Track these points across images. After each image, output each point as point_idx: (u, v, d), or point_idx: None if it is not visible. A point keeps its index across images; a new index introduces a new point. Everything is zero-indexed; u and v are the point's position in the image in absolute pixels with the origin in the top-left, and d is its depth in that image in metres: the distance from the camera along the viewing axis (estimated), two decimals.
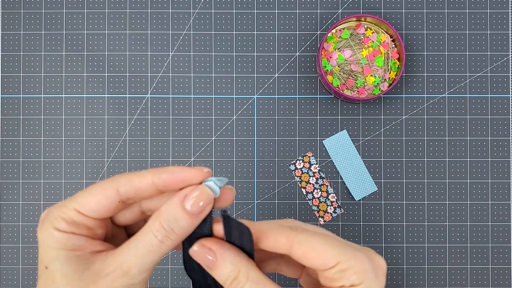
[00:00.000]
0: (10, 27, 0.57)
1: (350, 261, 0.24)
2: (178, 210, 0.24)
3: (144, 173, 0.25)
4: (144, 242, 0.24)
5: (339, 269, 0.24)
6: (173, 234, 0.24)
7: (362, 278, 0.24)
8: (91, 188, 0.25)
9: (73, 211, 0.25)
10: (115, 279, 0.24)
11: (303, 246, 0.24)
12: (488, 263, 0.56)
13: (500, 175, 0.56)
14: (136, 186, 0.25)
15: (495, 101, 0.57)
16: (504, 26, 0.57)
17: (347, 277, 0.24)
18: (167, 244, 0.24)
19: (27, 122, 0.57)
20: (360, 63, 0.56)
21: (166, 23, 0.57)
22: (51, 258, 0.24)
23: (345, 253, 0.24)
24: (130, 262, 0.24)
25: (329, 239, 0.24)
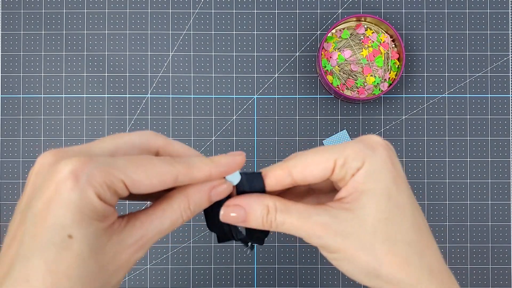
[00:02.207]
0: (10, 27, 0.57)
1: (343, 153, 0.24)
2: (204, 198, 0.25)
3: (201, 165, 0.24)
4: (171, 220, 0.24)
5: (339, 165, 0.24)
6: (192, 215, 0.25)
7: (362, 159, 0.24)
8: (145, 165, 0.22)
9: (120, 182, 0.22)
10: (134, 254, 0.23)
11: (299, 167, 0.24)
12: (488, 263, 0.56)
13: (500, 175, 0.56)
14: (193, 177, 0.24)
15: (495, 101, 0.57)
16: (504, 26, 0.57)
17: (349, 165, 0.24)
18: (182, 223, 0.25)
19: (27, 122, 0.57)
20: (360, 63, 0.56)
21: (166, 23, 0.57)
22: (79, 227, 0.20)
23: (336, 151, 0.24)
24: (152, 235, 0.23)
25: (319, 149, 0.25)
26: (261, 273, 0.56)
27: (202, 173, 0.24)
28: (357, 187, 0.24)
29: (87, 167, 0.21)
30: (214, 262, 0.56)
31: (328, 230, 0.24)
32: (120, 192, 0.22)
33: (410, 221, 0.24)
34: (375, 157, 0.24)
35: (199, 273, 0.56)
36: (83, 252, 0.20)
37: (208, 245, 0.56)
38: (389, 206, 0.24)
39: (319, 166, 0.24)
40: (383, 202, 0.24)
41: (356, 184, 0.24)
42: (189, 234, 0.56)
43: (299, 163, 0.25)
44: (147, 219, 0.24)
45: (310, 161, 0.25)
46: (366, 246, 0.24)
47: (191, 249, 0.56)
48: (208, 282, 0.56)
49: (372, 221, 0.24)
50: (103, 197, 0.21)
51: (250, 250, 0.29)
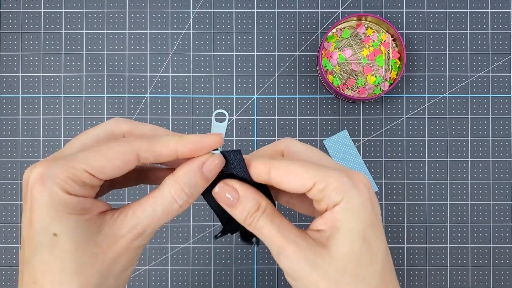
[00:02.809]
0: (9, 27, 0.57)
1: (325, 179, 0.24)
2: (197, 176, 0.24)
3: (166, 141, 0.24)
4: (164, 206, 0.24)
5: (317, 189, 0.24)
6: (192, 198, 0.24)
7: (342, 194, 0.24)
8: (104, 150, 0.23)
9: (84, 172, 0.22)
10: (131, 241, 0.23)
11: (280, 170, 0.24)
12: (489, 264, 0.56)
13: (501, 175, 0.56)
14: (158, 153, 0.24)
15: (496, 101, 0.57)
16: (505, 26, 0.57)
17: (327, 195, 0.24)
18: (183, 208, 0.24)
19: (25, 122, 0.57)
20: (360, 62, 0.55)
21: (165, 22, 0.57)
22: (59, 224, 0.22)
23: (320, 173, 0.24)
24: (146, 223, 0.23)
25: (306, 163, 0.25)
26: (261, 274, 0.56)
27: (166, 148, 0.24)
28: (334, 222, 0.24)
29: (50, 168, 0.22)
30: (214, 262, 0.56)
31: (300, 254, 0.24)
32: (88, 181, 0.23)
33: (379, 266, 0.24)
34: (356, 196, 0.24)
35: (199, 274, 0.56)
36: (70, 245, 0.22)
37: (208, 245, 0.56)
38: (362, 248, 0.24)
39: (297, 180, 0.24)
40: (357, 244, 0.24)
41: (333, 219, 0.24)
42: (188, 235, 0.56)
43: (281, 168, 0.25)
44: (139, 208, 0.24)
45: (291, 171, 0.24)
46: (332, 283, 0.24)
47: (190, 250, 0.56)
48: (208, 283, 0.56)
49: (343, 260, 0.24)
50: (71, 191, 0.22)
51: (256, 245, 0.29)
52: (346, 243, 0.24)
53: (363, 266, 0.24)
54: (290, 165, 0.24)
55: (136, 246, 0.24)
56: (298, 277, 0.24)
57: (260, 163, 0.25)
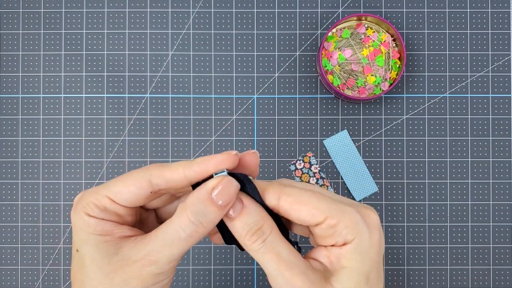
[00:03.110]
0: (9, 27, 0.57)
1: (338, 216, 0.23)
2: (206, 204, 0.23)
3: (175, 166, 0.24)
4: (172, 235, 0.24)
5: (328, 224, 0.23)
6: (202, 227, 0.24)
7: (354, 233, 0.23)
8: (124, 177, 0.25)
9: (105, 198, 0.25)
10: (143, 268, 0.24)
11: (290, 198, 0.24)
12: (489, 264, 0.56)
13: (501, 175, 0.56)
14: (168, 178, 0.24)
15: (496, 101, 0.56)
16: (505, 26, 0.57)
17: (339, 232, 0.23)
18: (195, 238, 0.24)
19: (25, 122, 0.57)
20: (360, 62, 0.55)
21: (165, 22, 0.57)
22: (81, 242, 0.25)
23: (333, 208, 0.23)
24: (158, 252, 0.24)
25: (318, 194, 0.24)
26: (261, 274, 0.56)
27: (175, 173, 0.24)
28: (341, 260, 0.24)
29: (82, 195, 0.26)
30: (214, 262, 0.56)
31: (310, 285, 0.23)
32: (109, 206, 0.25)
33: None
34: (367, 238, 0.24)
35: (199, 274, 0.56)
36: (85, 261, 0.24)
37: (208, 245, 0.56)
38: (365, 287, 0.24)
39: (308, 212, 0.24)
40: (361, 284, 0.24)
41: (340, 256, 0.24)
42: None
43: (292, 195, 0.24)
44: (153, 235, 0.24)
45: (303, 200, 0.24)
46: None
47: (190, 250, 0.56)
48: (208, 283, 0.56)
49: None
50: (91, 213, 0.25)
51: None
52: (352, 282, 0.23)
53: None
54: (302, 194, 0.24)
55: (151, 274, 0.24)
56: None
57: (270, 188, 0.24)
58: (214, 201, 0.23)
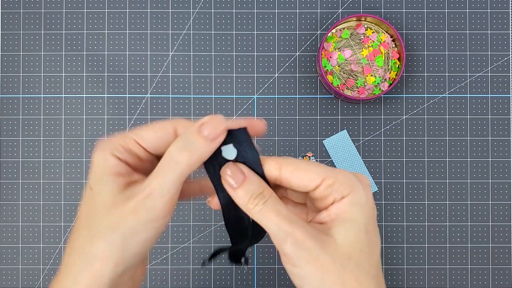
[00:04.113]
0: (10, 27, 0.57)
1: (334, 176, 0.25)
2: (194, 133, 0.26)
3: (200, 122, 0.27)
4: (163, 162, 0.26)
5: (326, 184, 0.25)
6: (187, 154, 0.25)
7: (350, 188, 0.25)
8: (152, 125, 0.27)
9: (133, 141, 0.27)
10: (140, 201, 0.25)
11: (290, 167, 0.26)
12: (488, 264, 0.56)
13: (500, 175, 0.56)
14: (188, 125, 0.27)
15: (495, 101, 0.57)
16: (504, 26, 0.57)
17: (336, 189, 0.25)
18: (182, 165, 0.25)
19: (26, 122, 0.57)
20: (360, 63, 0.56)
21: (166, 22, 0.57)
22: (96, 180, 0.26)
23: (329, 171, 0.26)
24: (152, 184, 0.25)
25: (313, 163, 0.26)
26: (261, 273, 0.56)
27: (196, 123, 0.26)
28: (340, 214, 0.26)
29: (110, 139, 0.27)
30: (214, 262, 0.56)
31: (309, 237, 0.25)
32: (134, 149, 0.27)
33: (377, 258, 0.26)
34: (362, 192, 0.26)
35: (199, 274, 0.56)
36: (95, 198, 0.26)
37: (208, 245, 0.56)
38: (365, 240, 0.25)
39: (307, 176, 0.26)
40: (361, 235, 0.25)
41: (339, 210, 0.26)
42: (188, 235, 0.56)
43: (292, 164, 0.26)
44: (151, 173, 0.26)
45: (301, 167, 0.26)
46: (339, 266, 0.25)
47: (190, 250, 0.56)
48: (208, 283, 0.56)
49: (348, 247, 0.25)
50: (117, 154, 0.26)
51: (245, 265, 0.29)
52: (352, 232, 0.25)
53: (365, 256, 0.25)
54: (300, 163, 0.26)
55: (145, 206, 0.25)
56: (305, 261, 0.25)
57: (272, 160, 0.27)
58: (200, 132, 0.25)
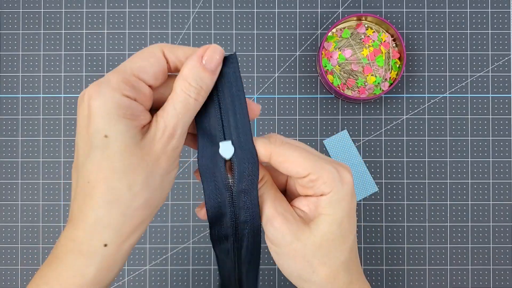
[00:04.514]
0: (9, 27, 0.57)
1: (319, 172, 0.27)
2: (201, 70, 0.26)
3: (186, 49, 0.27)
4: (181, 103, 0.26)
5: (309, 179, 0.28)
6: (203, 91, 0.26)
7: (330, 188, 0.28)
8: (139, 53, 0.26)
9: (132, 76, 0.25)
10: (166, 143, 0.25)
11: (280, 157, 0.28)
12: (489, 264, 0.56)
13: (501, 175, 0.56)
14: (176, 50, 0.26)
15: (496, 101, 0.57)
16: (505, 26, 0.57)
17: (317, 186, 0.28)
18: (199, 101, 0.26)
19: (25, 122, 0.56)
20: (360, 62, 0.55)
21: (165, 22, 0.57)
22: (111, 126, 0.24)
23: (316, 165, 0.27)
24: (173, 123, 0.25)
25: (304, 152, 0.28)
26: (261, 274, 0.56)
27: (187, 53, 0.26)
28: (317, 208, 0.28)
29: (104, 79, 0.25)
30: (214, 262, 0.56)
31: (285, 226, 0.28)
32: (136, 84, 0.25)
33: (349, 245, 0.29)
34: (341, 191, 0.28)
35: (199, 274, 0.56)
36: (119, 147, 0.24)
37: (207, 245, 0.56)
38: (337, 231, 0.28)
39: (295, 168, 0.28)
40: (334, 227, 0.28)
41: (318, 206, 0.28)
42: (188, 235, 0.56)
43: (281, 155, 0.28)
44: (163, 112, 0.26)
45: (290, 159, 0.28)
46: (309, 254, 0.28)
47: (190, 250, 0.56)
48: (208, 283, 0.56)
49: (321, 238, 0.28)
50: (124, 92, 0.24)
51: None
52: (325, 225, 0.28)
53: (336, 245, 0.28)
54: (290, 154, 0.28)
55: (172, 148, 0.26)
56: (279, 244, 0.28)
57: (261, 147, 0.28)
58: (206, 67, 0.26)
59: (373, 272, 0.56)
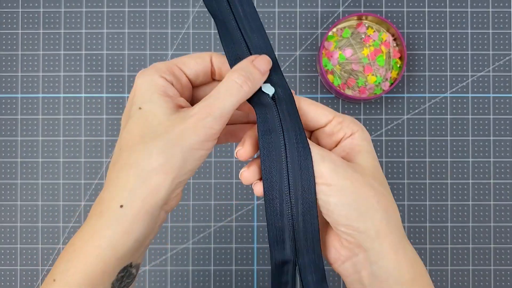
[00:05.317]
0: (8, 26, 0.57)
1: (342, 116, 0.30)
2: (250, 66, 0.29)
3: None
4: (225, 86, 0.28)
5: (336, 121, 0.30)
6: (249, 81, 0.28)
7: (358, 127, 0.30)
8: (189, 55, 0.30)
9: (175, 66, 0.30)
10: (198, 120, 0.27)
11: (308, 101, 0.30)
12: (490, 264, 0.56)
13: (502, 175, 0.56)
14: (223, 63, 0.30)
15: (497, 101, 0.56)
16: (506, 25, 0.57)
17: (346, 125, 0.30)
18: (244, 89, 0.28)
19: (25, 122, 0.56)
20: (361, 62, 0.55)
21: (165, 22, 0.57)
22: (146, 100, 0.28)
23: (336, 112, 0.30)
24: (213, 104, 0.27)
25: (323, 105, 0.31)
26: (261, 274, 0.55)
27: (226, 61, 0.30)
28: (354, 146, 0.30)
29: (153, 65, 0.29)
30: (214, 263, 0.56)
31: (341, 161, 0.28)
32: (177, 73, 0.29)
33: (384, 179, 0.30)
34: (366, 131, 0.31)
35: (199, 274, 0.56)
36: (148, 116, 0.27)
37: (208, 246, 0.56)
38: (377, 165, 0.30)
39: (321, 111, 0.30)
40: (376, 162, 0.30)
41: (353, 145, 0.30)
42: (188, 235, 0.56)
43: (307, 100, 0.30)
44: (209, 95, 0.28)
45: (316, 104, 0.30)
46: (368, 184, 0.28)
47: (190, 250, 0.56)
48: (208, 284, 0.55)
49: (370, 170, 0.29)
50: (165, 76, 0.29)
51: None
52: (369, 160, 0.30)
53: (380, 177, 0.30)
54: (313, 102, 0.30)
55: (204, 127, 0.27)
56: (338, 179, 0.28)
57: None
58: (256, 65, 0.29)
59: None
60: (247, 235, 0.56)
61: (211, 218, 0.56)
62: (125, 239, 0.26)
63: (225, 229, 0.56)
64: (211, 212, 0.56)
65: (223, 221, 0.56)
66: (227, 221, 0.56)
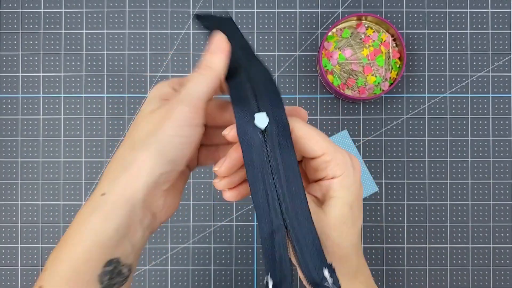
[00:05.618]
0: (9, 26, 0.57)
1: (333, 154, 0.29)
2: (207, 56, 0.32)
3: None
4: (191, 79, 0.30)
5: (324, 159, 0.29)
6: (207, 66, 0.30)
7: (342, 170, 0.29)
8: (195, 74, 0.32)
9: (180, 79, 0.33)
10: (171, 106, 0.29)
11: (300, 132, 0.29)
12: (489, 264, 0.56)
13: (501, 175, 0.56)
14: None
15: (496, 101, 0.56)
16: (505, 26, 0.57)
17: (330, 167, 0.29)
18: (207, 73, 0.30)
19: (25, 122, 0.56)
20: (360, 62, 0.55)
21: (165, 22, 0.57)
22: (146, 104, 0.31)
23: (330, 147, 0.29)
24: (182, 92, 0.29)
25: (321, 134, 0.30)
26: (261, 274, 0.56)
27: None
28: (329, 191, 0.30)
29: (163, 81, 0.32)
30: (214, 262, 0.56)
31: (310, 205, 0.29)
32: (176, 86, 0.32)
33: (358, 229, 0.31)
34: (352, 175, 0.29)
35: (199, 274, 0.56)
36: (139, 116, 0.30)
37: (207, 245, 0.56)
38: (349, 213, 0.29)
39: (312, 146, 0.29)
40: (346, 210, 0.29)
41: (329, 188, 0.30)
42: (188, 235, 0.56)
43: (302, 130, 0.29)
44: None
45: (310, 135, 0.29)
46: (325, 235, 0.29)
47: (190, 250, 0.56)
48: (208, 283, 0.56)
49: (334, 219, 0.29)
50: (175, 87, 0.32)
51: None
52: (338, 208, 0.29)
53: (347, 227, 0.30)
54: (309, 131, 0.29)
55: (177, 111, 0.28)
56: None
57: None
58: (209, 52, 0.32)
59: (373, 272, 0.56)
60: (247, 235, 0.56)
61: (211, 218, 0.56)
62: (105, 226, 0.27)
63: (225, 229, 0.56)
64: (211, 212, 0.56)
65: (223, 221, 0.56)
66: (227, 221, 0.56)
